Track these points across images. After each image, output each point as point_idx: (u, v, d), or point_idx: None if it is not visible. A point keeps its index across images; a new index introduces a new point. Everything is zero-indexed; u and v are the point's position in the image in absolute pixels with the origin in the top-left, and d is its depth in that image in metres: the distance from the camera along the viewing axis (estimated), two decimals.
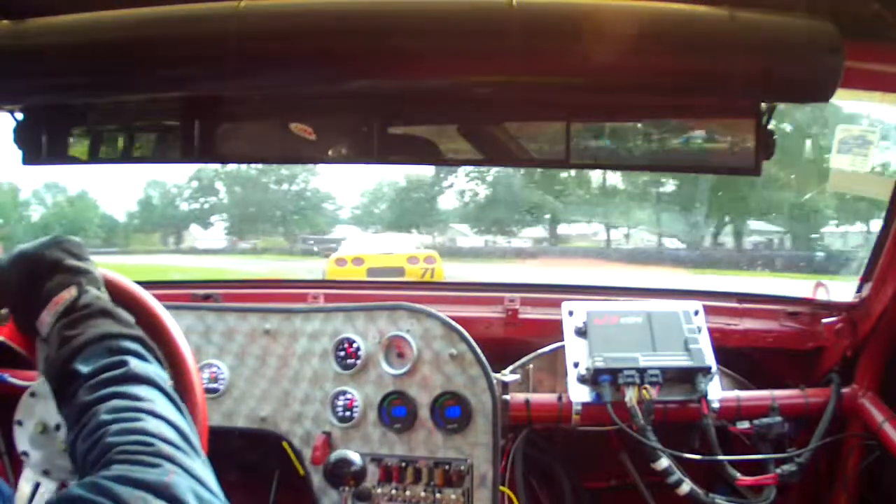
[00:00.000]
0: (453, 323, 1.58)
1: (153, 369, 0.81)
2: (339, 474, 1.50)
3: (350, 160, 1.34)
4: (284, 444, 1.62)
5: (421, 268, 8.30)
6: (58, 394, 0.81)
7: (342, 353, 1.62)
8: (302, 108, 1.26)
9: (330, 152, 1.34)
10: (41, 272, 0.88)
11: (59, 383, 0.81)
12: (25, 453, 1.09)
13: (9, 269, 0.89)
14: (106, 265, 0.97)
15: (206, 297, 1.87)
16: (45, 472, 1.08)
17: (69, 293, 0.86)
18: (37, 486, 1.07)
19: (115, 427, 0.70)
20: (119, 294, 0.95)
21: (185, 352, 0.98)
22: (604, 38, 1.03)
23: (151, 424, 0.72)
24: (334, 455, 1.51)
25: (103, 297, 0.89)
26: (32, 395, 1.10)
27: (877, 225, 1.64)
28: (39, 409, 1.09)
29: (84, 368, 0.78)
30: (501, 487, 1.55)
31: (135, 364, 0.79)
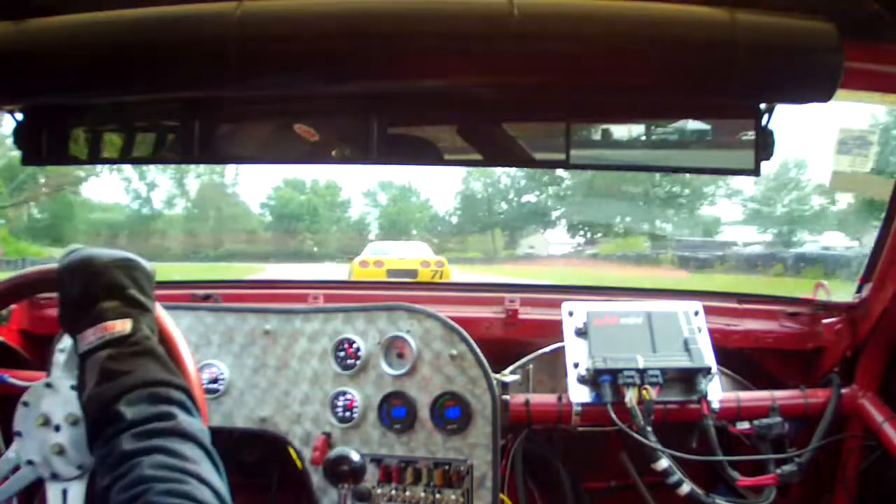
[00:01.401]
0: (453, 323, 1.58)
1: (199, 426, 0.79)
2: (338, 472, 1.50)
3: (350, 161, 1.34)
4: (289, 448, 1.62)
5: (431, 270, 9.68)
6: (93, 430, 0.78)
7: (342, 354, 1.62)
8: (302, 109, 1.26)
9: (330, 153, 1.34)
10: (101, 289, 0.85)
11: (98, 420, 0.78)
12: (19, 433, 1.09)
13: (73, 271, 0.87)
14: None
15: (206, 298, 1.87)
16: (30, 462, 1.08)
17: (123, 325, 0.83)
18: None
19: (159, 486, 0.69)
20: (161, 333, 0.92)
21: (185, 352, 0.98)
22: (603, 39, 1.03)
23: (197, 490, 0.71)
24: (333, 452, 1.51)
25: (154, 338, 0.86)
26: (48, 385, 1.09)
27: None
28: (47, 402, 1.09)
29: (129, 413, 0.76)
30: (501, 496, 1.55)
31: (183, 419, 0.77)
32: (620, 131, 1.23)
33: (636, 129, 1.22)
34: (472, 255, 24.76)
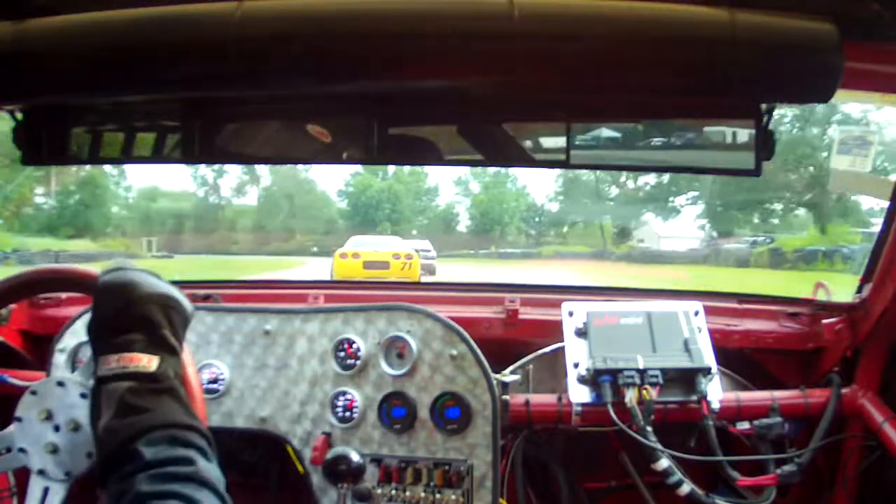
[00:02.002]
0: (453, 323, 1.58)
1: (216, 473, 0.78)
2: (337, 471, 1.50)
3: (350, 160, 1.35)
4: (288, 447, 1.62)
5: (401, 262, 10.66)
6: (107, 464, 0.77)
7: (342, 354, 1.62)
8: (302, 109, 1.26)
9: (329, 153, 1.34)
10: (135, 319, 0.85)
11: (115, 456, 0.77)
12: (19, 419, 1.08)
13: (113, 290, 0.86)
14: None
15: (206, 298, 1.87)
16: (21, 450, 1.08)
17: (149, 361, 0.82)
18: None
19: None
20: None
21: (201, 399, 0.98)
22: (603, 39, 1.03)
23: None
24: (332, 452, 1.51)
25: (177, 381, 0.85)
26: (60, 384, 1.09)
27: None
28: (54, 400, 1.08)
29: (148, 454, 0.75)
30: (501, 501, 1.55)
31: (202, 465, 0.76)
32: (621, 131, 1.23)
33: (636, 129, 1.22)
34: (579, 248, 22.75)
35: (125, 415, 0.78)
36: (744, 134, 1.17)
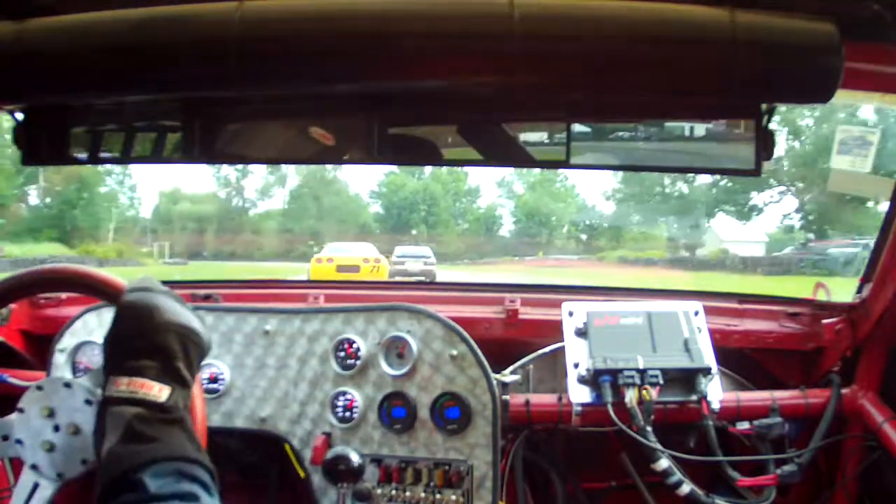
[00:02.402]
0: (453, 324, 1.58)
1: None
2: (337, 471, 1.50)
3: (350, 160, 1.35)
4: (288, 448, 1.62)
5: (370, 266, 12.20)
6: (109, 489, 0.76)
7: (342, 354, 1.62)
8: (302, 109, 1.26)
9: (330, 153, 1.34)
10: (151, 346, 0.84)
11: (117, 483, 0.76)
12: (21, 410, 1.08)
13: (134, 309, 0.86)
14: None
15: (206, 298, 1.87)
16: (18, 441, 1.08)
17: (160, 391, 0.81)
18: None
19: None
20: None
21: (201, 414, 0.98)
22: (603, 39, 1.03)
23: None
24: (332, 452, 1.51)
25: (186, 413, 0.84)
26: (67, 385, 1.09)
27: None
28: (59, 400, 1.08)
29: (152, 486, 0.74)
30: (501, 502, 1.55)
31: (205, 502, 0.75)
32: (621, 131, 1.23)
33: (636, 129, 1.22)
34: (653, 254, 19.95)
35: (131, 441, 0.77)
36: (744, 134, 1.17)
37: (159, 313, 0.86)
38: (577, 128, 1.19)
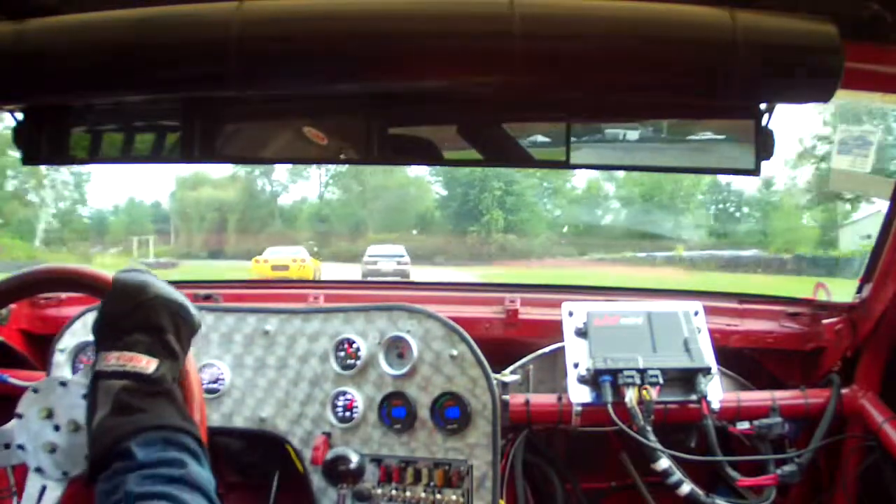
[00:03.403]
0: (453, 324, 1.58)
1: (207, 476, 0.78)
2: (337, 472, 1.50)
3: (350, 161, 1.35)
4: (288, 447, 1.62)
5: (297, 265, 13.62)
6: (99, 461, 0.77)
7: (342, 354, 1.62)
8: (302, 109, 1.26)
9: (329, 153, 1.34)
10: (141, 322, 0.85)
11: (106, 453, 0.77)
12: (20, 415, 1.08)
13: (125, 290, 0.87)
14: None
15: (207, 298, 1.87)
16: (20, 447, 1.08)
17: (148, 363, 0.83)
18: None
19: None
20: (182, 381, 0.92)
21: (200, 406, 0.98)
22: (603, 39, 1.03)
23: None
24: (332, 452, 1.51)
25: (174, 385, 0.86)
26: (63, 384, 1.09)
27: None
28: (56, 399, 1.08)
29: (140, 454, 0.75)
30: (500, 502, 1.55)
31: (193, 469, 0.76)
32: (620, 131, 1.23)
33: (636, 129, 1.22)
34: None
35: (120, 413, 0.79)
36: (744, 134, 1.17)
37: (150, 289, 0.87)
38: (577, 128, 1.19)
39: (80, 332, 1.65)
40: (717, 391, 1.58)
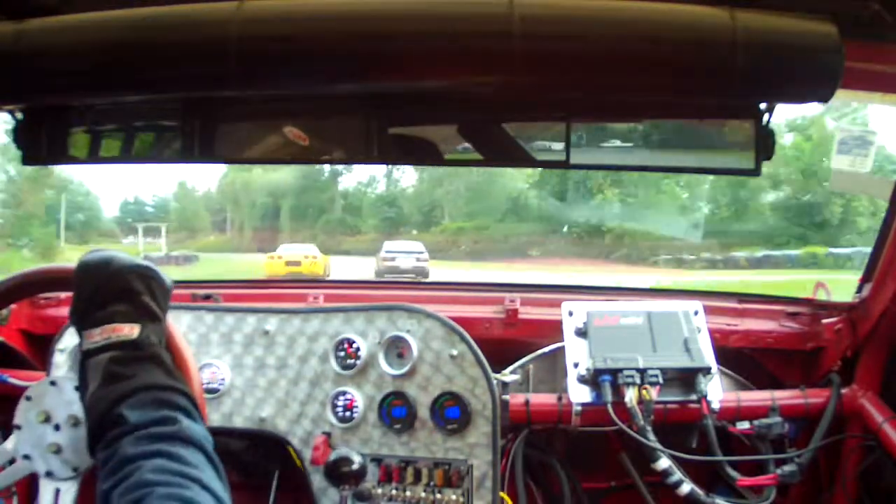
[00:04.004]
0: (453, 323, 1.58)
1: (202, 431, 0.79)
2: (340, 473, 1.50)
3: (350, 160, 1.35)
4: (289, 448, 1.62)
5: (309, 261, 14.23)
6: (95, 431, 0.78)
7: (342, 354, 1.62)
8: (302, 109, 1.26)
9: (330, 152, 1.34)
10: (115, 291, 0.86)
11: (101, 423, 0.78)
12: (19, 427, 1.09)
13: (92, 269, 0.88)
14: None
15: (206, 298, 1.87)
16: (26, 457, 1.08)
17: (131, 329, 0.83)
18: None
19: (160, 490, 0.69)
20: (169, 343, 0.92)
21: (191, 364, 0.98)
22: (603, 39, 1.03)
23: (198, 496, 0.70)
24: (335, 454, 1.51)
25: (160, 347, 0.86)
26: (53, 384, 1.09)
27: None
28: (50, 400, 1.09)
29: (131, 417, 0.76)
30: (501, 493, 1.55)
31: (185, 424, 0.77)
32: (621, 131, 1.23)
33: (636, 129, 1.22)
34: None
35: (110, 383, 0.79)
36: (744, 134, 1.17)
37: (115, 261, 0.88)
38: (577, 128, 1.19)
39: None
40: (716, 391, 1.58)
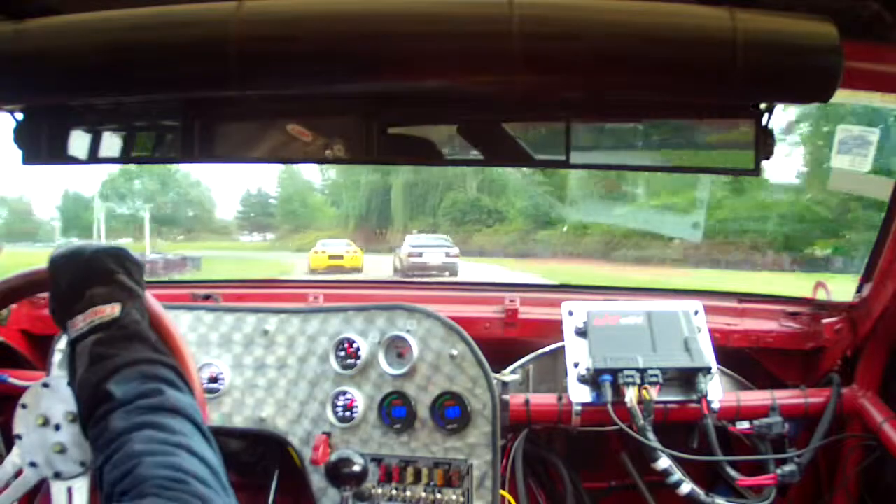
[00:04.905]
0: (453, 323, 1.58)
1: (188, 401, 0.80)
2: (341, 474, 1.50)
3: (350, 160, 1.35)
4: (289, 448, 1.62)
5: (351, 255, 15.53)
6: (86, 413, 0.79)
7: (342, 354, 1.62)
8: (302, 108, 1.26)
9: (330, 152, 1.34)
10: (91, 277, 0.86)
11: (89, 402, 0.79)
12: (19, 436, 1.09)
13: (63, 262, 0.88)
14: None
15: (206, 298, 1.87)
16: (32, 464, 1.08)
17: (112, 309, 0.84)
18: (19, 472, 1.08)
19: (149, 460, 0.70)
20: (152, 320, 0.93)
21: (177, 335, 0.98)
22: (603, 39, 1.03)
23: (186, 461, 0.71)
24: (336, 454, 1.51)
25: (143, 322, 0.87)
26: (45, 385, 1.09)
27: None
28: (46, 403, 1.09)
29: (118, 392, 0.77)
30: (501, 492, 1.55)
31: (171, 394, 0.78)
32: (620, 131, 1.23)
33: (636, 129, 1.22)
34: None
35: (96, 364, 0.80)
36: (744, 134, 1.17)
37: (84, 248, 0.89)
38: (577, 128, 1.19)
39: None
40: (716, 391, 1.58)
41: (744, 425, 1.62)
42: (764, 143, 1.15)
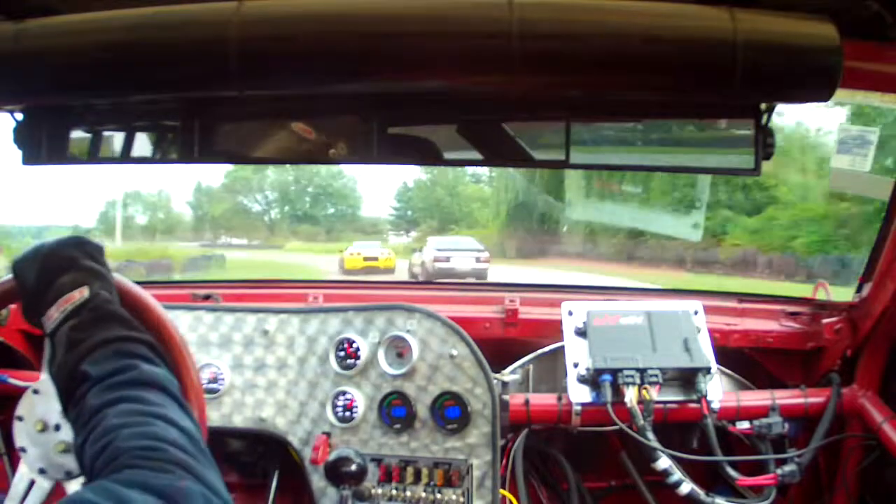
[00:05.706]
0: (453, 323, 1.58)
1: (163, 373, 0.81)
2: (340, 474, 1.50)
3: (350, 160, 1.35)
4: (289, 448, 1.62)
5: (385, 257, 15.86)
6: (65, 396, 0.80)
7: (342, 354, 1.62)
8: (302, 109, 1.26)
9: (330, 152, 1.34)
10: (55, 268, 0.88)
11: (67, 385, 0.80)
12: (23, 449, 1.09)
13: (26, 263, 0.90)
14: None
15: (206, 298, 1.87)
16: (41, 471, 1.09)
17: (80, 293, 0.85)
18: (31, 483, 1.08)
19: (125, 431, 0.70)
20: (125, 298, 0.95)
21: (186, 352, 0.98)
22: (603, 39, 1.03)
23: (163, 430, 0.71)
24: (335, 454, 1.51)
25: (114, 301, 0.88)
26: (35, 392, 1.10)
27: None
28: (40, 408, 1.10)
29: (93, 371, 0.78)
30: (501, 490, 1.55)
31: (145, 368, 0.79)
32: (620, 131, 1.23)
33: (636, 129, 1.22)
34: None
35: (71, 348, 0.81)
36: (744, 134, 1.17)
37: (44, 244, 0.91)
38: (577, 128, 1.19)
39: None
40: (716, 391, 1.58)
41: (744, 425, 1.62)
42: (764, 143, 1.15)
